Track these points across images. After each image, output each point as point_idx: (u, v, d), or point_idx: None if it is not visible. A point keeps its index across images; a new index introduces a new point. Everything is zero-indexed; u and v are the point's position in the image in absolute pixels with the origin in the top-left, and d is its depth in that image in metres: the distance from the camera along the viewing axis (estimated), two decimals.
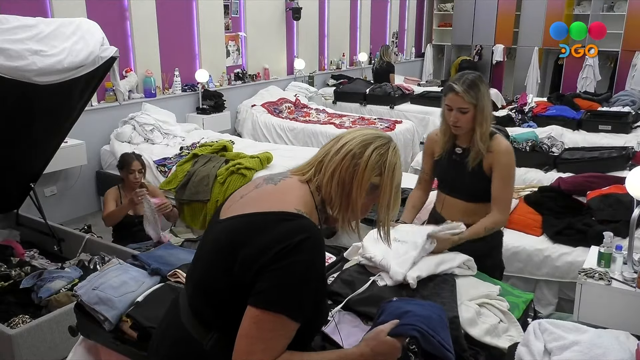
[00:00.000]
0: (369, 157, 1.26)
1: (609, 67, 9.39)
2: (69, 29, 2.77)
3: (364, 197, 1.28)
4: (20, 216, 3.75)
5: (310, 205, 1.26)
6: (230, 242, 1.21)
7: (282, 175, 1.34)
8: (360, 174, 1.26)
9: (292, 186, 1.29)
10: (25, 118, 2.90)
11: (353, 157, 1.26)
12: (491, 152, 2.19)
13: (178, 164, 4.63)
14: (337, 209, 1.28)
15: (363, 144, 1.28)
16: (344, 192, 1.27)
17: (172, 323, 1.35)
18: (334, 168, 1.27)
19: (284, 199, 1.24)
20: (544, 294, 3.20)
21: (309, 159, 1.35)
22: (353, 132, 1.32)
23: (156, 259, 2.15)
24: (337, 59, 8.56)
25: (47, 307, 2.74)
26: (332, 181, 1.27)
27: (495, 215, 2.19)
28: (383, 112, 6.96)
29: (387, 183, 1.29)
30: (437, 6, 10.98)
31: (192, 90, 6.01)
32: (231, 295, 1.19)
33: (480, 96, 2.13)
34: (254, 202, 1.26)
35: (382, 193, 1.29)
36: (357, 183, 1.26)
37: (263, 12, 6.92)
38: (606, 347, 1.56)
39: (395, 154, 1.30)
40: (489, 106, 2.17)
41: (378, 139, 1.30)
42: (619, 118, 5.63)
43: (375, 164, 1.27)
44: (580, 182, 3.74)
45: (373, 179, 1.27)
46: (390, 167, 1.28)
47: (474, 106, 2.13)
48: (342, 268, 2.11)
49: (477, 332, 1.75)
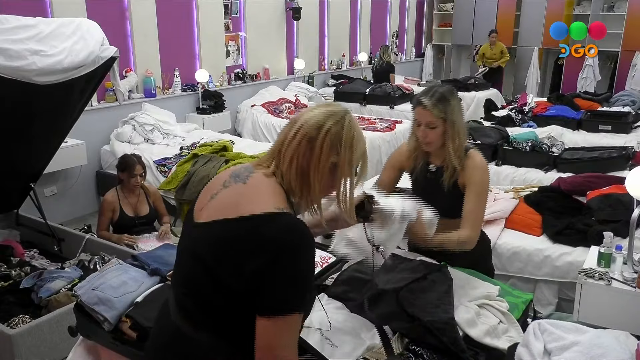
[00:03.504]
0: (324, 138, 1.24)
1: (609, 67, 9.39)
2: (69, 29, 2.77)
3: (324, 179, 1.26)
4: (20, 216, 3.74)
5: (284, 198, 1.25)
6: (214, 253, 1.19)
7: (247, 170, 1.30)
8: (317, 157, 1.24)
9: (261, 183, 1.25)
10: (25, 118, 2.89)
11: (309, 140, 1.24)
12: (466, 169, 2.08)
13: (178, 164, 4.63)
14: (299, 195, 1.26)
15: (317, 125, 1.25)
16: (303, 178, 1.25)
17: (165, 324, 1.35)
18: (291, 155, 1.25)
19: (259, 199, 1.21)
20: (544, 294, 3.20)
21: (269, 149, 1.32)
22: (306, 114, 1.29)
23: (155, 259, 2.15)
24: (337, 59, 8.56)
25: (47, 307, 2.74)
26: (291, 169, 1.25)
27: (466, 231, 2.01)
28: (383, 112, 6.95)
29: (346, 160, 1.26)
30: (437, 6, 10.98)
31: (192, 90, 6.01)
32: (224, 301, 1.20)
33: (449, 110, 2.01)
34: (230, 205, 1.22)
35: (340, 170, 1.26)
36: (314, 166, 1.24)
37: (263, 12, 6.92)
38: (606, 348, 1.57)
39: (350, 128, 1.27)
40: (460, 121, 2.05)
41: (331, 117, 1.26)
42: (619, 118, 5.63)
43: (332, 143, 1.24)
44: (580, 182, 3.74)
45: (332, 159, 1.25)
46: (347, 143, 1.26)
47: (443, 121, 2.01)
48: (341, 268, 2.12)
49: (476, 333, 1.75)
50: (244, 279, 1.15)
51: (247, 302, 1.17)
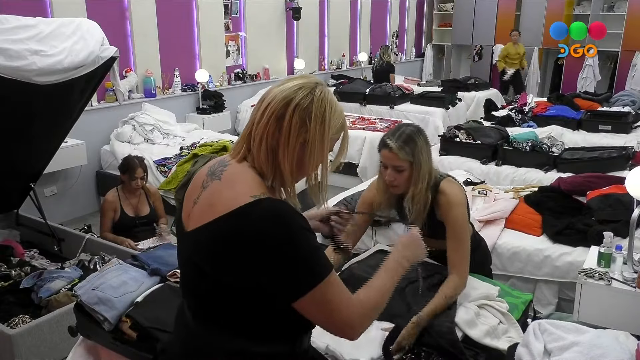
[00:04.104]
0: (291, 115, 1.15)
1: (609, 67, 9.39)
2: (69, 29, 2.77)
3: (295, 159, 1.18)
4: (20, 216, 3.74)
5: (259, 182, 1.18)
6: (207, 258, 1.17)
7: (221, 164, 1.23)
8: (285, 135, 1.15)
9: (235, 173, 1.19)
10: (25, 118, 2.90)
11: (277, 118, 1.16)
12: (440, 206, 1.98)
13: (178, 164, 4.63)
14: (271, 177, 1.19)
15: (285, 102, 1.16)
16: (274, 160, 1.18)
17: (184, 335, 1.31)
18: (260, 136, 1.17)
19: (234, 192, 1.15)
20: (544, 294, 3.20)
21: (241, 133, 1.25)
22: (274, 90, 1.19)
23: (156, 259, 2.15)
24: (337, 59, 8.56)
25: (47, 307, 2.74)
26: (261, 150, 1.17)
27: (454, 280, 1.93)
28: (383, 112, 6.95)
29: (317, 137, 1.17)
30: (437, 6, 10.98)
31: (192, 90, 6.01)
32: (234, 301, 1.18)
33: (416, 152, 1.90)
34: (209, 207, 1.17)
35: (310, 148, 1.17)
36: (283, 146, 1.16)
37: (263, 12, 6.92)
38: (606, 348, 1.57)
39: (322, 100, 1.17)
40: (427, 161, 1.94)
41: (300, 91, 1.17)
42: (619, 118, 5.63)
43: (301, 120, 1.15)
44: (580, 182, 3.74)
45: (302, 136, 1.16)
46: (318, 119, 1.16)
47: (410, 164, 1.91)
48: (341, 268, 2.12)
49: (476, 334, 1.75)
50: (246, 276, 1.13)
51: (256, 296, 1.15)
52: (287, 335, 1.22)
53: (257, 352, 1.20)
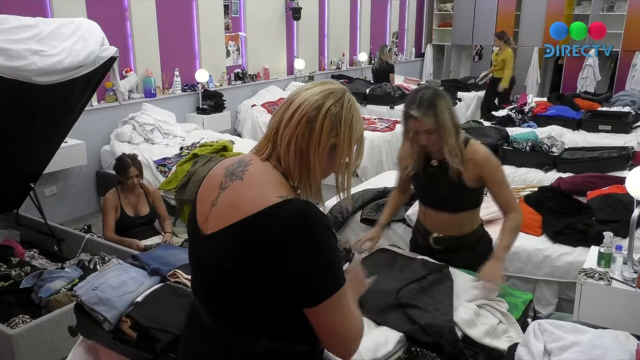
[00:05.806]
0: (323, 119, 1.19)
1: (609, 67, 9.39)
2: (69, 29, 2.77)
3: (324, 160, 1.22)
4: (20, 216, 3.74)
5: (283, 182, 1.20)
6: (232, 260, 1.16)
7: (241, 164, 1.25)
8: (317, 138, 1.19)
9: (258, 173, 1.21)
10: (25, 118, 2.89)
11: (308, 121, 1.19)
12: (470, 161, 2.11)
13: (178, 164, 4.63)
14: (298, 178, 1.22)
15: (316, 105, 1.20)
16: (302, 160, 1.21)
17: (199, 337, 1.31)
18: (289, 137, 1.20)
19: (260, 193, 1.16)
20: (544, 294, 3.20)
21: (265, 132, 1.27)
22: (304, 93, 1.23)
23: (156, 259, 2.15)
24: (337, 59, 8.56)
25: (47, 307, 2.74)
26: (290, 151, 1.20)
27: (511, 216, 2.16)
28: (383, 112, 6.95)
29: (345, 141, 1.23)
30: (437, 6, 10.97)
31: (192, 90, 6.01)
32: (257, 301, 1.18)
33: (439, 112, 2.03)
34: (231, 208, 1.18)
35: (340, 152, 1.23)
36: (314, 148, 1.19)
37: (263, 12, 6.92)
38: (606, 348, 1.57)
39: (350, 107, 1.23)
40: (450, 119, 2.07)
41: (331, 96, 1.21)
42: (619, 118, 5.63)
43: (332, 124, 1.20)
44: (580, 182, 3.74)
45: (332, 140, 1.21)
46: (347, 124, 1.22)
47: (437, 125, 2.04)
48: None
49: (476, 334, 1.75)
50: (270, 278, 1.13)
51: (279, 297, 1.16)
52: (307, 335, 1.21)
53: (279, 352, 1.21)
